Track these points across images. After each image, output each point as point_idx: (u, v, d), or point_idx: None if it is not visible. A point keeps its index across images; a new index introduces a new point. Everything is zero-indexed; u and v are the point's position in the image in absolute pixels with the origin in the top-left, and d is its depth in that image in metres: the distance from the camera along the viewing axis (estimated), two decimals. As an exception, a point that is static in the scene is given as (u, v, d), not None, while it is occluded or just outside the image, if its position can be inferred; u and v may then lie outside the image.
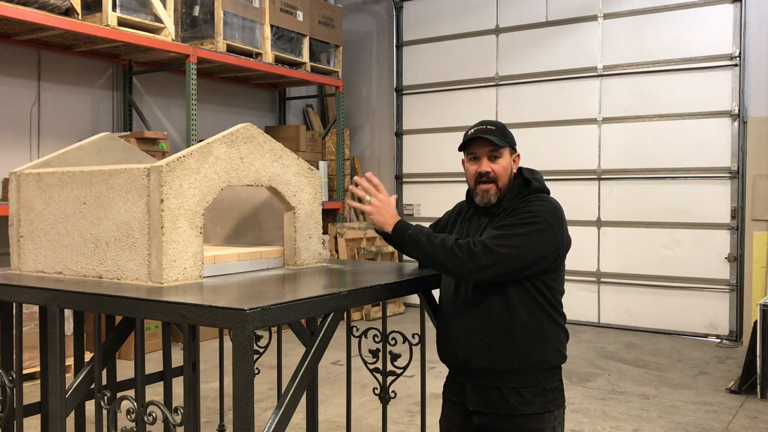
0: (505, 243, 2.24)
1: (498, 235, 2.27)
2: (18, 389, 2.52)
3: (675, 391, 5.42)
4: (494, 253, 2.23)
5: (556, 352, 2.40)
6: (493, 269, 2.24)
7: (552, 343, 2.38)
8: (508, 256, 2.24)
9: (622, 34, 7.79)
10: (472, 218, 2.53)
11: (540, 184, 2.44)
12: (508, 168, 2.43)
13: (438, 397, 2.61)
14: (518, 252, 2.25)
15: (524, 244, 2.25)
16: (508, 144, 2.42)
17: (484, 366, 2.35)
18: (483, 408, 2.38)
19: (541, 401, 2.34)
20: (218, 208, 3.10)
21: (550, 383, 2.37)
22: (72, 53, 6.68)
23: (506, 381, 2.34)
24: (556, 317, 2.39)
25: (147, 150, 6.21)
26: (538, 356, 2.34)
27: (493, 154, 2.42)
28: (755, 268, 7.07)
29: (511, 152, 2.45)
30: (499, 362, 2.33)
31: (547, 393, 2.36)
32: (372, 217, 2.42)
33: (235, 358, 1.84)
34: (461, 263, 2.24)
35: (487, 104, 8.60)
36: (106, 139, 3.02)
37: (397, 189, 9.45)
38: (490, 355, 2.34)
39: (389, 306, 8.20)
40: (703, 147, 7.36)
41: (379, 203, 2.43)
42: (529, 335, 2.33)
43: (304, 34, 8.05)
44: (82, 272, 2.51)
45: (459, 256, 2.24)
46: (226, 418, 3.62)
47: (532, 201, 2.37)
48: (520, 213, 2.33)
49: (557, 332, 2.40)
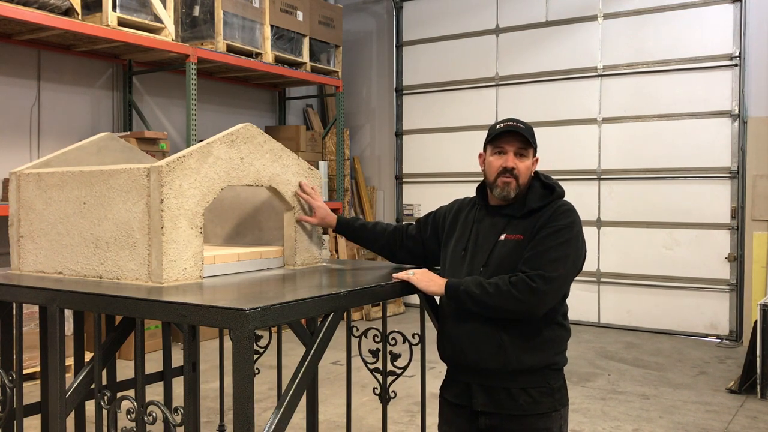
0: (559, 267, 2.28)
1: (549, 260, 2.28)
2: (18, 389, 2.52)
3: (675, 391, 5.42)
4: (553, 281, 2.26)
5: (561, 353, 2.43)
6: (554, 296, 2.30)
7: (561, 344, 2.42)
8: (564, 278, 2.30)
9: (622, 34, 7.80)
10: (483, 219, 2.49)
11: (561, 190, 2.46)
12: (530, 169, 2.43)
13: (438, 397, 2.60)
14: (570, 271, 2.32)
15: (572, 261, 2.32)
16: (534, 146, 2.44)
17: (496, 367, 2.35)
18: (491, 409, 2.37)
19: (548, 401, 2.36)
20: (218, 208, 3.10)
21: (555, 382, 2.39)
22: (72, 53, 6.68)
23: (516, 381, 2.34)
24: (563, 320, 2.43)
25: (147, 150, 6.21)
26: (550, 358, 2.37)
27: (521, 152, 2.41)
28: (755, 268, 7.07)
29: (534, 153, 2.46)
30: (511, 363, 2.33)
31: (554, 392, 2.38)
32: (422, 287, 2.46)
33: (235, 358, 1.84)
34: (524, 303, 2.25)
35: (487, 104, 8.60)
36: (106, 139, 3.02)
37: (397, 189, 9.45)
38: (504, 356, 2.33)
39: (389, 306, 8.20)
40: (703, 147, 7.36)
41: (421, 273, 2.48)
42: (542, 337, 2.35)
43: (304, 34, 8.04)
44: (82, 272, 2.51)
45: (519, 297, 2.25)
46: (226, 418, 3.62)
47: (562, 210, 2.37)
48: (556, 229, 2.32)
49: (564, 334, 2.44)
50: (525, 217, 2.38)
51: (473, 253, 2.44)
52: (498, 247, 2.38)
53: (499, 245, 2.38)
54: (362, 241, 2.86)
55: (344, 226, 2.85)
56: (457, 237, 2.54)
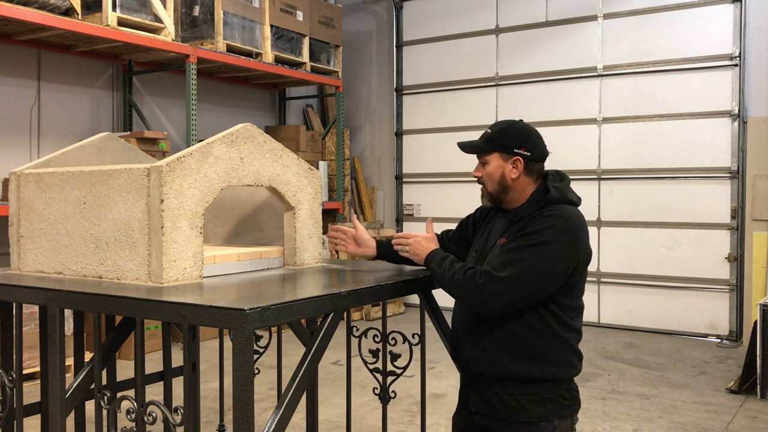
0: (507, 268, 2.18)
1: (502, 261, 2.21)
2: (18, 389, 2.52)
3: (675, 391, 5.42)
4: (497, 281, 2.18)
5: (562, 365, 2.32)
6: (500, 298, 2.19)
7: (555, 357, 2.30)
8: (512, 282, 2.17)
9: (622, 34, 7.80)
10: (496, 222, 2.49)
11: (559, 194, 2.34)
12: (495, 173, 2.37)
13: (438, 397, 2.61)
14: (523, 276, 2.17)
15: (528, 267, 2.17)
16: (495, 149, 2.37)
17: (482, 370, 2.35)
18: (483, 410, 2.38)
19: (538, 410, 2.28)
20: (218, 208, 3.10)
21: (550, 393, 2.30)
22: (72, 53, 6.68)
23: (503, 387, 2.32)
24: (561, 332, 2.30)
25: (147, 150, 6.21)
26: (538, 370, 2.28)
27: (481, 160, 2.42)
28: (755, 268, 7.07)
29: (506, 156, 2.37)
30: (495, 367, 2.31)
31: (546, 402, 2.29)
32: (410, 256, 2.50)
33: (235, 358, 1.84)
34: (469, 295, 2.23)
35: (487, 104, 8.61)
36: (106, 139, 3.02)
37: (397, 189, 9.45)
38: (487, 360, 2.33)
39: (389, 306, 8.20)
40: (703, 147, 7.36)
41: (414, 242, 2.49)
42: (530, 347, 2.27)
43: (304, 34, 8.05)
44: (82, 272, 2.51)
45: (465, 287, 2.23)
46: (226, 418, 3.62)
47: (543, 216, 2.28)
48: (526, 233, 2.25)
49: (563, 346, 2.31)
50: (517, 223, 2.34)
51: (479, 254, 2.45)
52: (492, 250, 2.37)
53: (494, 248, 2.37)
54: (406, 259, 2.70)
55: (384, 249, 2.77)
56: (477, 238, 2.56)
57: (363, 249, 2.80)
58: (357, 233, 2.82)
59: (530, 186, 2.40)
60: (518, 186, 2.38)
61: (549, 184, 2.38)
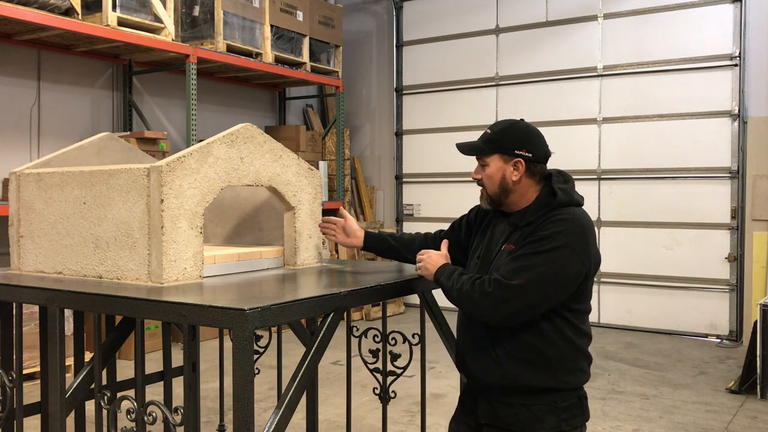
0: (518, 276, 2.10)
1: (512, 269, 2.13)
2: (18, 389, 2.53)
3: (675, 391, 5.42)
4: (510, 289, 2.10)
5: (574, 373, 2.26)
6: (510, 305, 2.11)
7: (569, 364, 2.24)
8: (524, 290, 2.09)
9: (622, 34, 7.79)
10: (497, 225, 2.39)
11: (566, 196, 2.26)
12: (495, 176, 2.29)
13: (438, 397, 2.61)
14: (535, 284, 2.10)
15: (540, 274, 2.10)
16: (495, 151, 2.29)
17: (493, 381, 2.26)
18: (494, 422, 2.28)
19: (552, 420, 2.21)
20: (218, 208, 3.10)
21: (564, 401, 2.23)
22: (72, 53, 6.68)
23: (516, 397, 2.23)
24: (575, 339, 2.24)
25: (147, 150, 6.21)
26: (553, 379, 2.21)
27: (480, 162, 2.34)
28: (755, 268, 7.07)
29: (507, 158, 2.29)
30: (508, 378, 2.23)
31: (560, 412, 2.22)
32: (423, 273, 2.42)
33: (235, 358, 1.84)
34: (478, 306, 2.15)
35: (487, 104, 8.61)
36: (106, 139, 3.02)
37: (397, 189, 9.45)
38: (500, 370, 2.23)
39: (389, 306, 8.20)
40: (703, 147, 7.36)
41: (426, 258, 2.39)
42: (544, 356, 2.21)
43: (304, 34, 8.04)
44: (82, 272, 2.51)
45: (475, 298, 2.14)
46: (226, 418, 3.62)
47: (552, 220, 2.19)
48: (536, 239, 2.16)
49: (576, 353, 2.26)
50: (524, 227, 2.24)
51: (483, 260, 2.35)
52: (499, 257, 2.28)
53: (500, 254, 2.28)
54: (393, 252, 2.74)
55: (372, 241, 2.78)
56: (476, 242, 2.47)
57: (351, 239, 2.81)
58: (346, 224, 2.83)
59: (533, 188, 2.31)
60: (520, 188, 2.29)
61: (554, 186, 2.28)
